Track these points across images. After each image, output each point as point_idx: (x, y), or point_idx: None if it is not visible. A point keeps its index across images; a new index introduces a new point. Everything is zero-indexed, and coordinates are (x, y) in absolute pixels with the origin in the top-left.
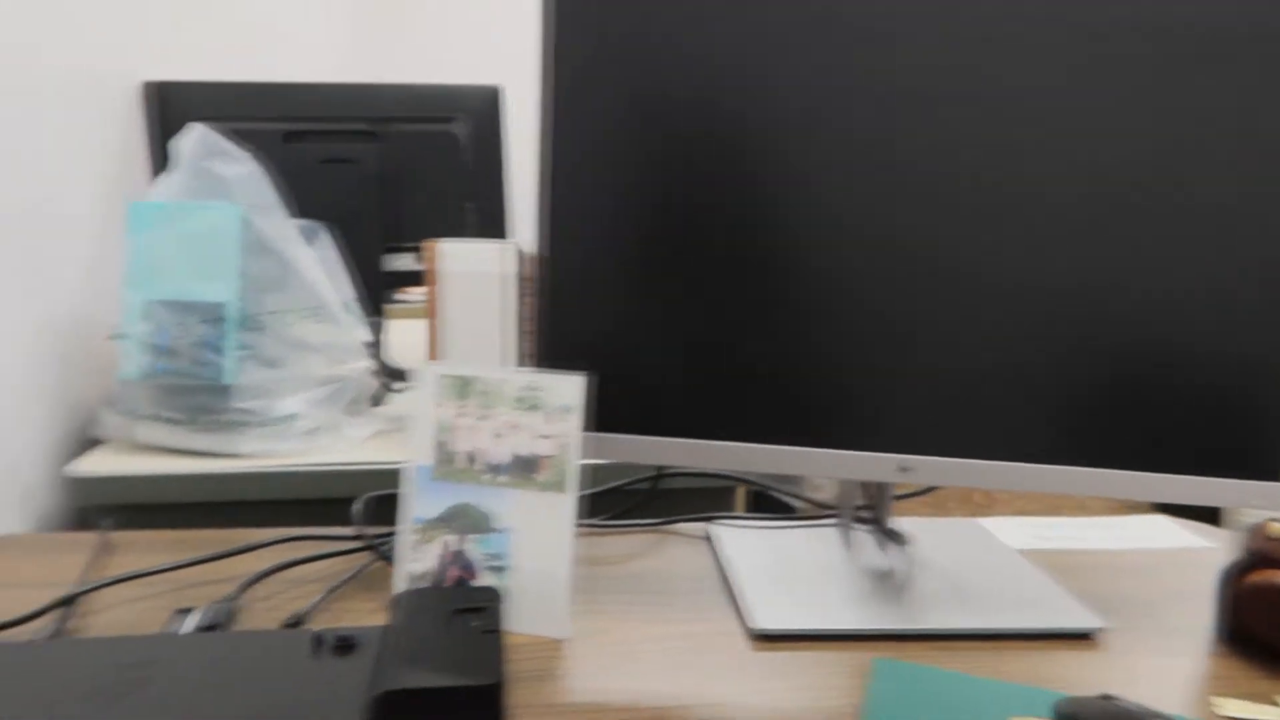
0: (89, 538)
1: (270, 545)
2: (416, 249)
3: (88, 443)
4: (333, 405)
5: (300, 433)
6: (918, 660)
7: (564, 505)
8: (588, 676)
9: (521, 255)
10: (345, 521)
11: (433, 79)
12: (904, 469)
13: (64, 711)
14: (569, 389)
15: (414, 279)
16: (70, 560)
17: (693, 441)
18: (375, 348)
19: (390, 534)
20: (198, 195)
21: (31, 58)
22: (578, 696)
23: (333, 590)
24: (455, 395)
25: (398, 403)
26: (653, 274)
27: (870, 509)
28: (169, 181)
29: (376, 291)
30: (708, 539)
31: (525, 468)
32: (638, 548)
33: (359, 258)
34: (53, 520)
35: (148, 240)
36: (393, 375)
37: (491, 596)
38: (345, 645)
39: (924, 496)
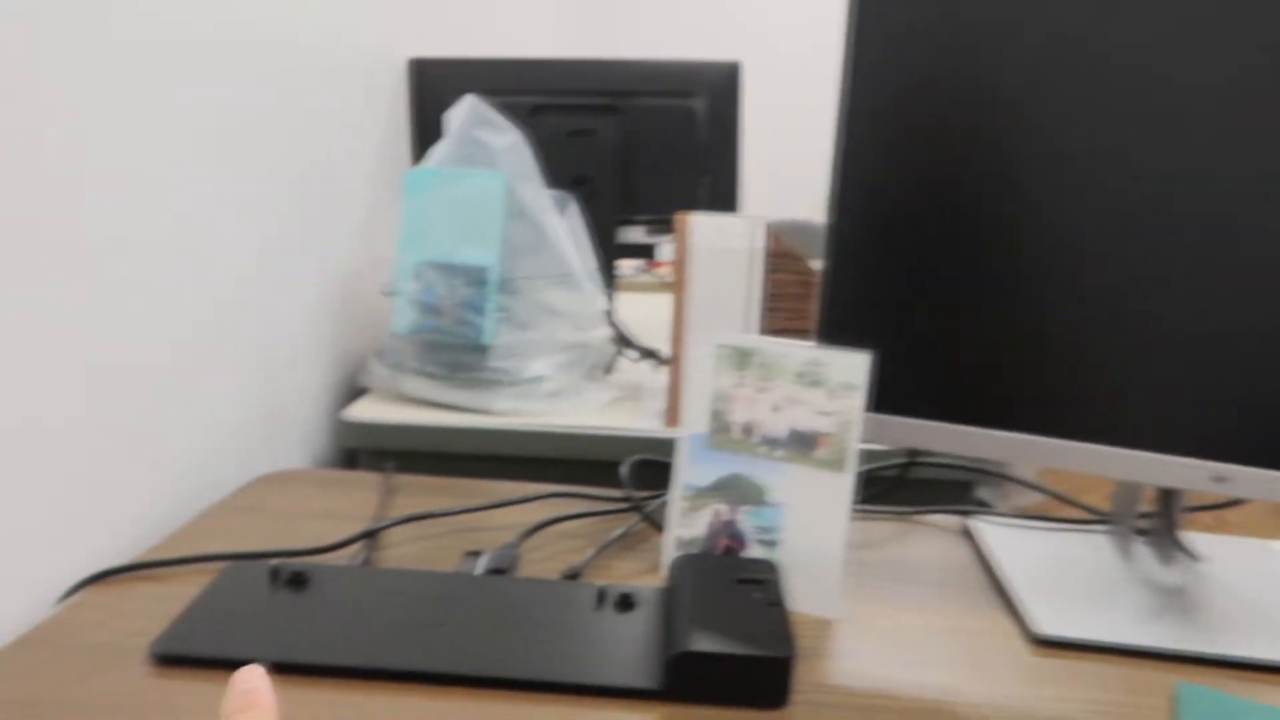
0: (373, 478)
1: (542, 499)
2: (649, 222)
3: (356, 391)
4: (575, 370)
5: (546, 394)
6: (1216, 687)
7: (841, 484)
8: (862, 660)
9: (769, 231)
10: (586, 480)
11: (669, 55)
12: (1219, 479)
13: (386, 633)
14: (853, 366)
15: (644, 252)
16: (358, 496)
17: (982, 431)
18: (611, 316)
19: (654, 497)
20: (466, 163)
21: (312, 40)
22: (855, 680)
23: (603, 548)
24: (734, 366)
25: (629, 374)
26: (938, 256)
27: (1153, 518)
28: (440, 149)
29: (610, 263)
30: (964, 533)
31: (803, 443)
32: (889, 534)
33: (595, 229)
34: (324, 460)
35: (421, 204)
36: (626, 343)
37: (771, 570)
38: (627, 602)
39: (1199, 513)
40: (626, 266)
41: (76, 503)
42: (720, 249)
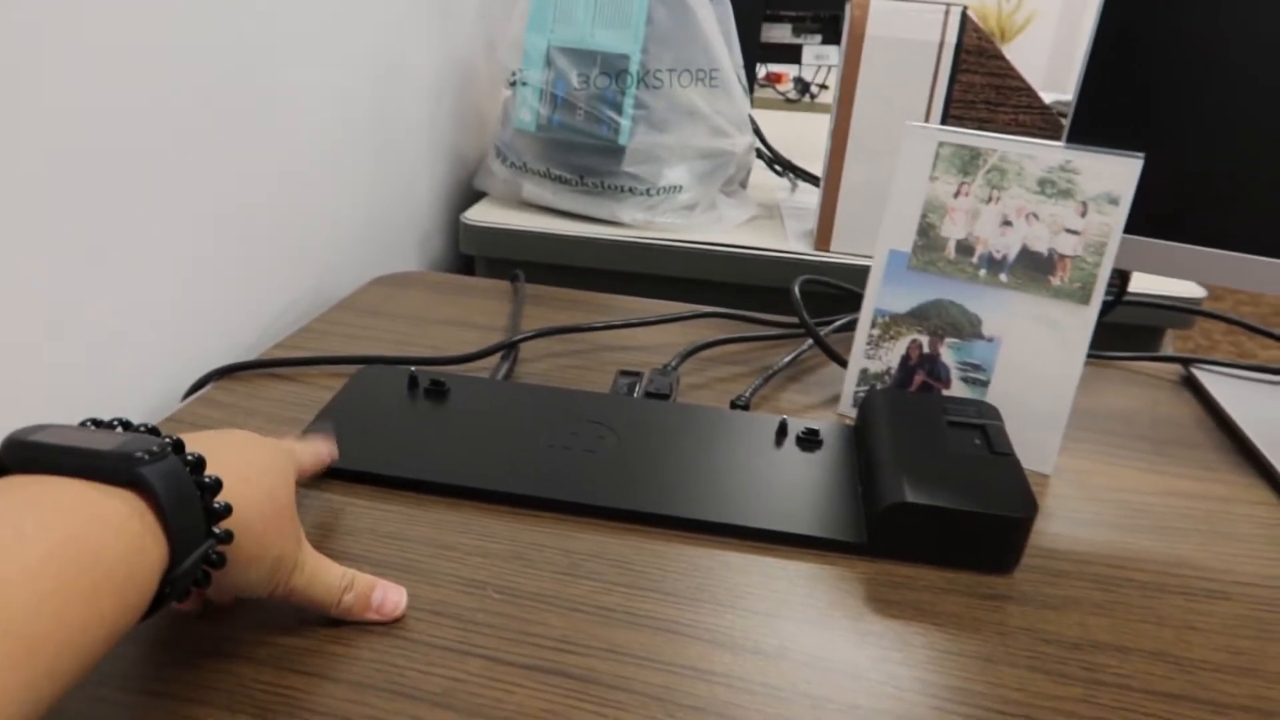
0: (496, 285)
1: (696, 319)
2: (797, 19)
3: (475, 194)
4: (713, 181)
5: (680, 207)
6: None
7: (1082, 319)
8: (1091, 523)
9: (968, 23)
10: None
11: None
12: None
13: (535, 458)
14: (1119, 173)
15: (789, 54)
16: (486, 305)
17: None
18: (755, 125)
19: (829, 323)
20: None
21: None
22: (1087, 546)
23: (771, 376)
24: (957, 170)
25: (763, 190)
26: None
27: None
28: None
29: (751, 64)
30: (1184, 383)
31: (1037, 266)
32: (1099, 381)
33: (741, 24)
34: (442, 264)
35: None
36: (776, 161)
37: (991, 412)
38: (813, 439)
39: None
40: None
41: (201, 299)
42: (904, 40)
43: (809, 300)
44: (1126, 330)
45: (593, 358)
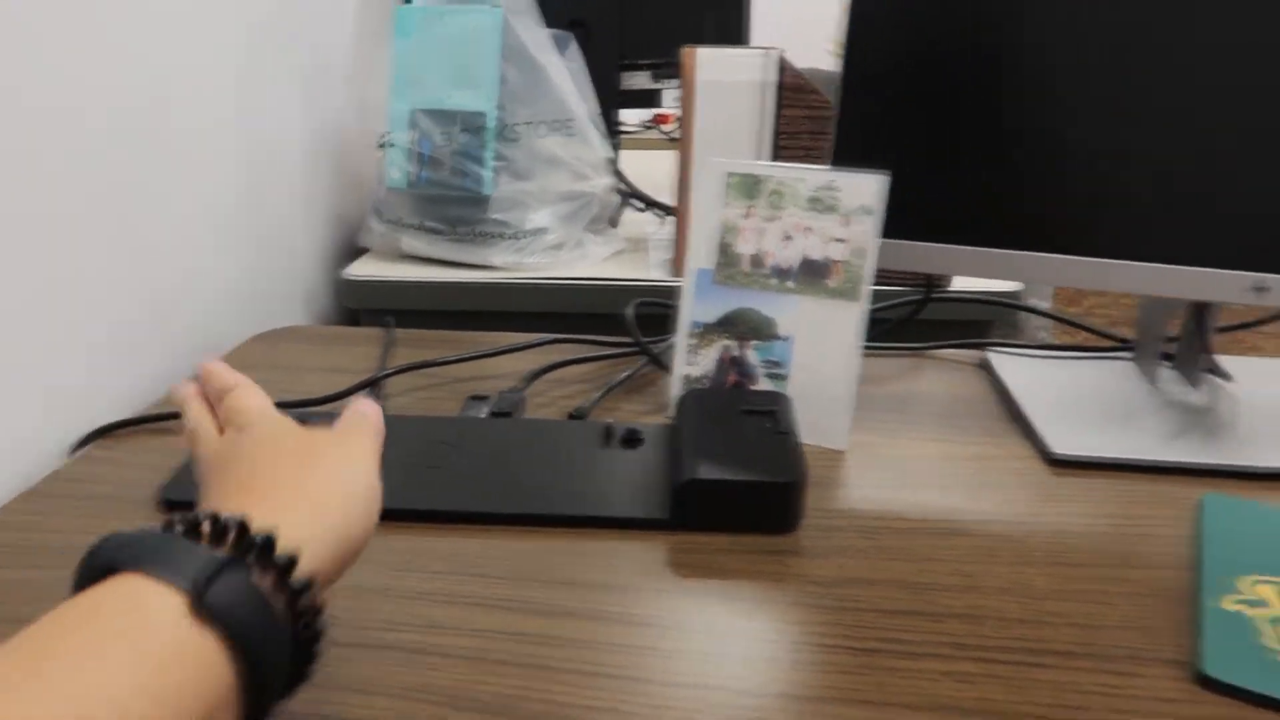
0: (374, 332)
1: (544, 345)
2: (653, 66)
3: (356, 250)
4: (577, 221)
5: (546, 247)
6: (1248, 499)
7: (853, 314)
8: (871, 486)
9: (784, 64)
10: (591, 333)
11: None
12: (1260, 288)
13: (386, 476)
14: (869, 188)
15: (649, 99)
16: (363, 351)
17: (1003, 252)
18: (614, 165)
19: (661, 339)
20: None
21: None
22: (863, 504)
23: (609, 389)
24: (743, 195)
25: (635, 226)
26: (955, 69)
27: (1180, 340)
28: None
29: (612, 111)
30: (982, 366)
31: (814, 272)
32: (903, 370)
33: (595, 74)
34: (327, 320)
35: (412, 46)
36: (634, 197)
37: (780, 400)
38: (633, 438)
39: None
40: (631, 121)
41: (83, 363)
42: (729, 83)
43: (654, 321)
44: (957, 326)
45: (453, 388)
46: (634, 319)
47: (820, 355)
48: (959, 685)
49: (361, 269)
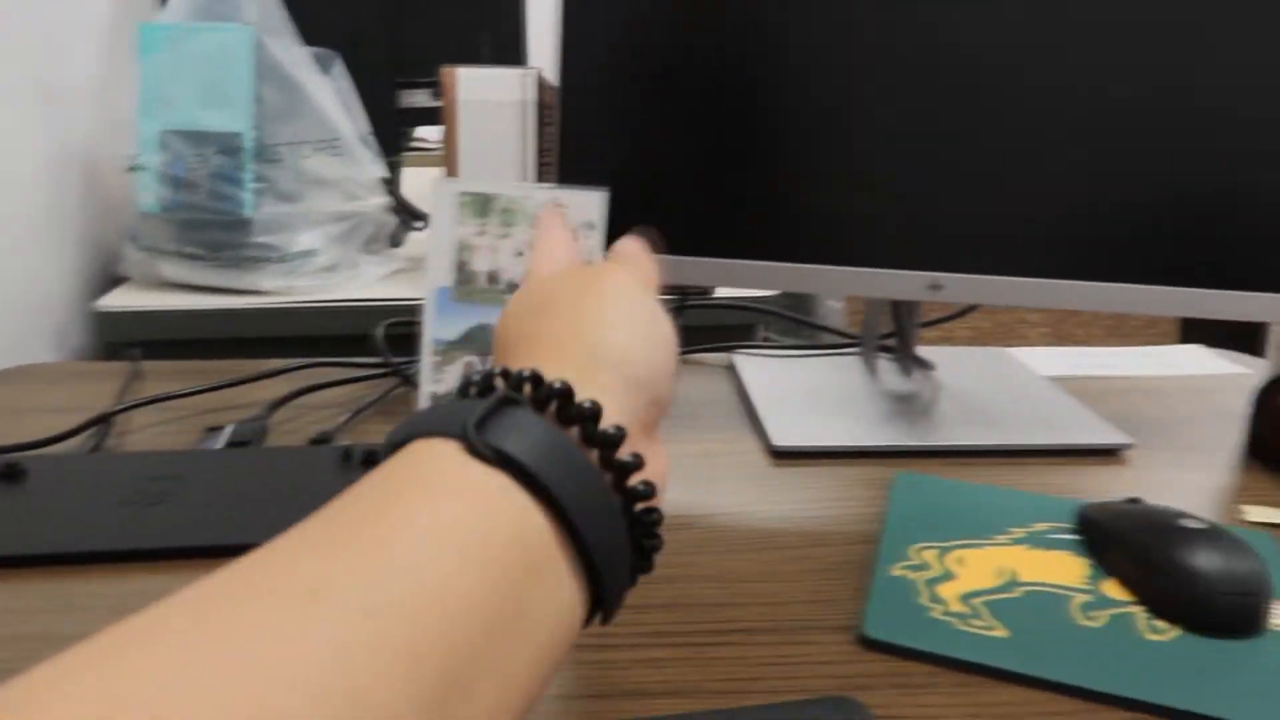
0: (119, 366)
1: (295, 370)
2: (431, 84)
3: (114, 279)
4: (349, 242)
5: (318, 269)
6: (941, 476)
7: None
8: None
9: (543, 83)
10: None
11: None
12: (934, 286)
13: (101, 516)
14: (592, 204)
15: (430, 117)
16: (103, 388)
17: (716, 261)
18: (392, 186)
19: (413, 360)
20: (207, 17)
21: None
22: None
23: (357, 413)
24: (475, 214)
25: (415, 243)
26: (671, 85)
27: (895, 336)
28: (178, 2)
29: (391, 129)
30: (731, 368)
31: None
32: None
33: (371, 92)
34: (84, 355)
35: (159, 64)
36: (410, 215)
37: None
38: (373, 458)
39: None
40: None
41: None
42: (489, 102)
43: (410, 340)
44: (722, 331)
45: (198, 420)
46: (384, 339)
47: None
48: (648, 670)
49: (117, 299)
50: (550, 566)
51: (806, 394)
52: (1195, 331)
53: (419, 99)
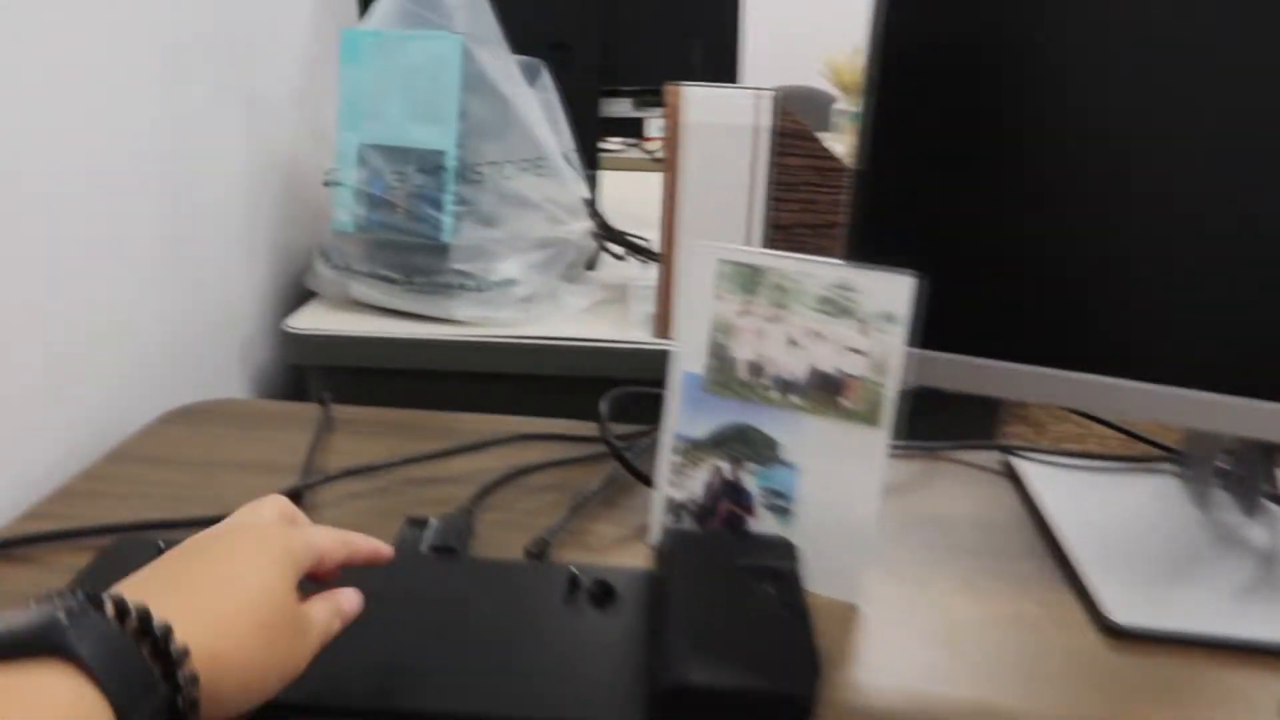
0: (309, 410)
1: (502, 444)
2: (636, 93)
3: (303, 295)
4: (551, 270)
5: (517, 300)
6: None
7: (874, 442)
8: (897, 666)
9: (777, 106)
10: (566, 400)
11: None
12: None
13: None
14: (895, 291)
15: (631, 128)
16: (290, 439)
17: (1044, 371)
18: (594, 208)
19: (640, 434)
20: (413, 23)
21: None
22: (887, 698)
23: (576, 509)
24: (740, 288)
25: (615, 269)
26: (990, 160)
27: (1237, 459)
28: (383, 6)
29: (591, 141)
30: (1004, 472)
31: (826, 388)
32: (914, 476)
33: (574, 103)
34: (269, 376)
35: (362, 74)
36: (610, 237)
37: (787, 553)
38: (604, 593)
39: None
40: (611, 142)
41: None
42: (719, 127)
43: (648, 402)
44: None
45: (396, 495)
46: (609, 413)
47: (834, 490)
48: None
49: (306, 320)
50: None
51: (1128, 533)
52: None
53: (620, 108)
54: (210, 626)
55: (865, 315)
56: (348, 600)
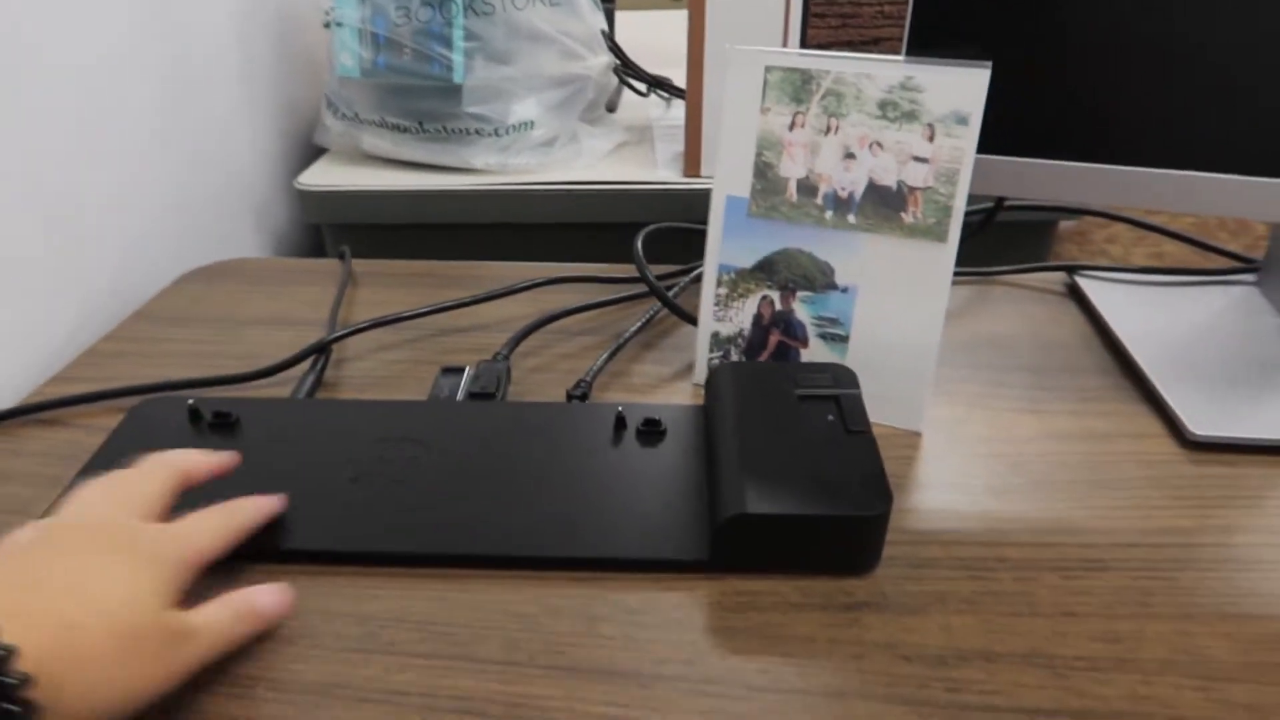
0: (329, 266)
1: (535, 288)
2: None
3: (315, 151)
4: (569, 111)
5: (536, 144)
6: None
7: (939, 259)
8: (964, 490)
9: None
10: (593, 246)
11: None
12: None
13: (339, 498)
14: (968, 87)
15: None
16: (313, 292)
17: (1136, 170)
18: (611, 38)
19: (682, 272)
20: None
21: None
22: (957, 522)
23: (617, 349)
24: (789, 98)
25: (636, 109)
26: None
27: None
28: None
29: None
30: (1068, 293)
31: (886, 203)
32: (974, 301)
33: None
34: (288, 236)
35: None
36: (629, 74)
37: (846, 378)
38: (653, 430)
39: None
40: None
41: None
42: None
43: (683, 238)
44: (1011, 231)
45: (426, 346)
46: (643, 254)
47: (892, 313)
48: None
49: (317, 177)
50: None
51: (1204, 346)
52: None
53: None
54: (52, 632)
55: (933, 118)
56: (263, 599)
